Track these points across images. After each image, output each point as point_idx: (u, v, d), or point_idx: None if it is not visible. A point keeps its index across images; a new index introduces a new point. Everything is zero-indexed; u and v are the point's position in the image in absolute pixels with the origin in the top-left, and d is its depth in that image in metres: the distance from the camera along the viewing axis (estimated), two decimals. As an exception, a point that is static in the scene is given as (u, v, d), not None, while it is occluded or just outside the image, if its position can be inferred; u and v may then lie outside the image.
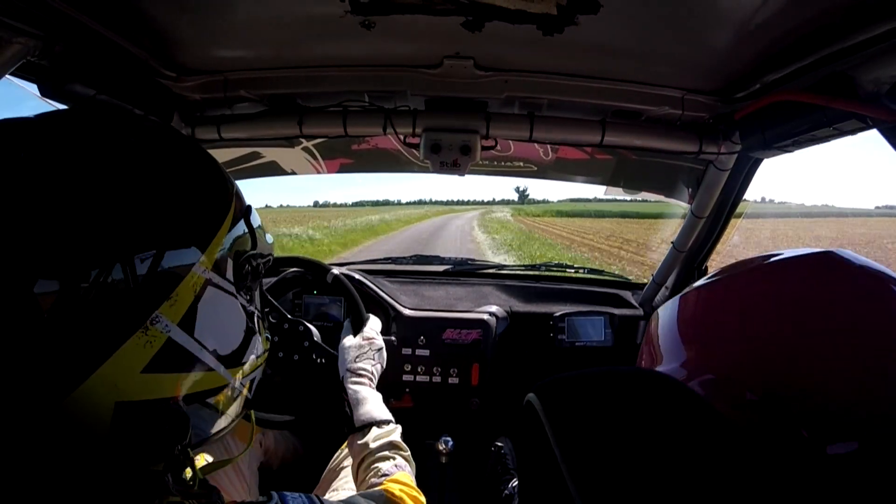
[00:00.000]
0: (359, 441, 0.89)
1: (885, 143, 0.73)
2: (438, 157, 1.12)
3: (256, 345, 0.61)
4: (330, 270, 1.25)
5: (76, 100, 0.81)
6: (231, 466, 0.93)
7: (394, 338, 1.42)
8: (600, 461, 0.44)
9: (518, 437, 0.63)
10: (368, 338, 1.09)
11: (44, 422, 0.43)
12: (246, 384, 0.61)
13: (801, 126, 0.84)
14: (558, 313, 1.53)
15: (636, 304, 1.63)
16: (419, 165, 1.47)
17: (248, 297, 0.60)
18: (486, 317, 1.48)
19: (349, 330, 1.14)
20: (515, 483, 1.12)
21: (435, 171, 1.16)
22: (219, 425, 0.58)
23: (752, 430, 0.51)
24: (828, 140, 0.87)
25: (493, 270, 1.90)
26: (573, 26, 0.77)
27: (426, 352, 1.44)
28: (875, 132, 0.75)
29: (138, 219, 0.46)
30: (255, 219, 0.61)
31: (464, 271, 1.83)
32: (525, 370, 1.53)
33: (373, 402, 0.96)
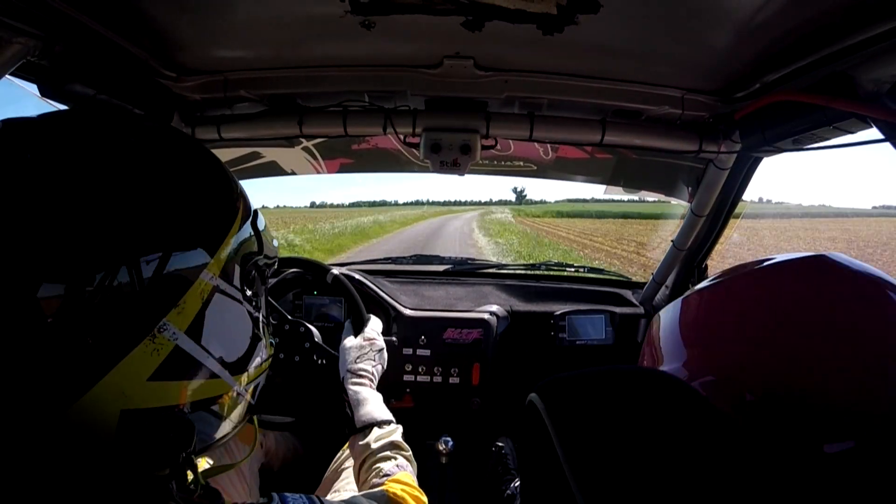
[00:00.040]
0: (360, 442, 0.89)
1: (881, 143, 0.73)
2: (438, 157, 1.12)
3: (261, 351, 0.61)
4: (330, 271, 1.25)
5: (76, 100, 0.81)
6: (233, 468, 0.93)
7: (394, 338, 1.41)
8: (603, 461, 0.44)
9: (520, 437, 0.64)
10: (369, 338, 1.09)
11: (49, 428, 0.43)
12: (250, 390, 0.61)
13: (801, 125, 0.84)
14: (559, 312, 1.53)
15: (636, 303, 1.64)
16: (419, 165, 1.47)
17: (254, 304, 0.60)
18: (487, 316, 1.48)
19: (350, 331, 1.14)
20: (517, 483, 1.11)
21: (435, 171, 1.16)
22: (222, 430, 0.58)
23: (752, 431, 0.51)
24: (828, 140, 0.87)
25: (494, 270, 1.91)
26: (573, 26, 0.77)
27: (427, 352, 1.44)
28: (873, 131, 0.75)
29: (144, 221, 0.46)
30: (261, 222, 0.62)
31: (464, 271, 1.83)
32: (526, 369, 1.53)
33: (373, 403, 0.97)
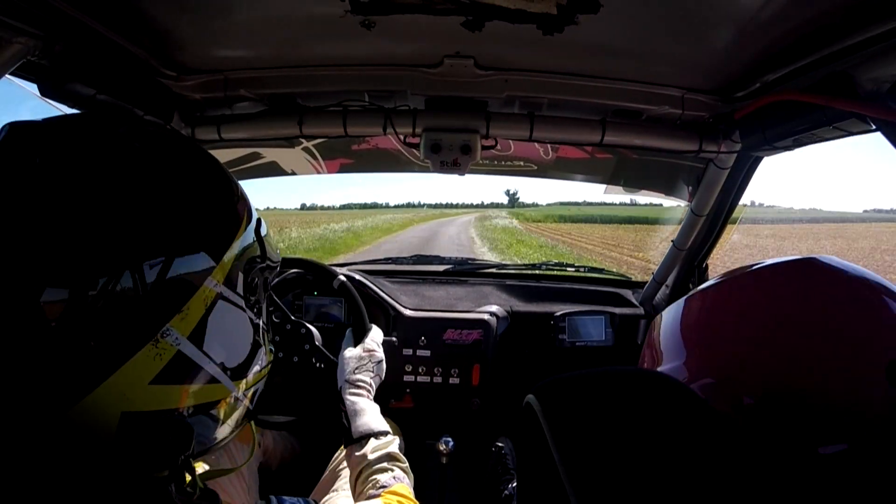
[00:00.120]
0: (357, 453, 0.89)
1: (871, 146, 0.73)
2: (438, 157, 1.12)
3: (261, 357, 0.62)
4: (337, 276, 1.24)
5: (76, 99, 0.81)
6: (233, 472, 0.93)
7: (394, 338, 1.41)
8: (598, 463, 0.44)
9: (518, 438, 0.63)
10: (369, 350, 1.08)
11: (51, 429, 0.44)
12: (249, 395, 0.61)
13: (802, 125, 0.84)
14: (559, 313, 1.53)
15: (636, 303, 1.63)
16: (419, 165, 1.47)
17: (256, 310, 0.60)
18: (487, 317, 1.48)
19: (350, 339, 1.13)
20: (515, 483, 1.11)
21: (435, 171, 1.16)
22: (221, 434, 0.59)
23: (750, 433, 0.51)
24: (828, 139, 0.87)
25: (494, 270, 1.91)
26: (573, 26, 0.77)
27: (427, 352, 1.44)
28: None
29: (148, 226, 0.46)
30: (263, 228, 0.62)
31: (464, 271, 1.83)
32: (526, 370, 1.53)
33: (370, 414, 0.96)
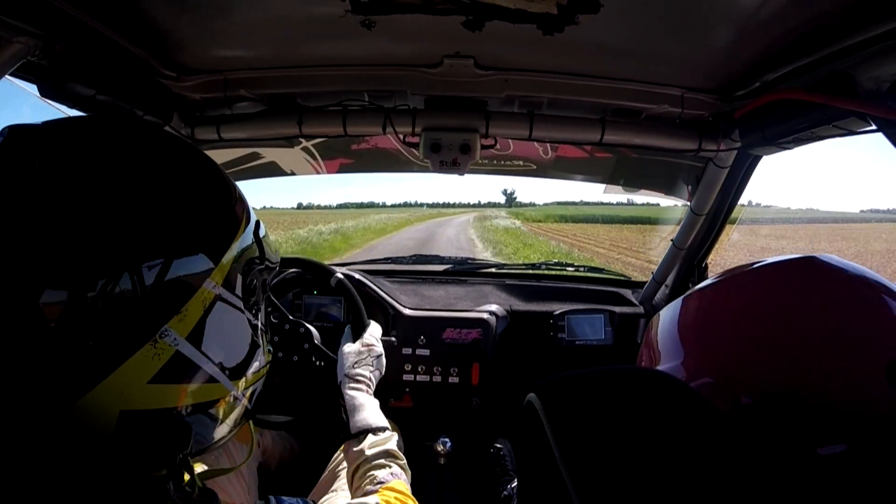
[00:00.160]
0: (354, 448, 0.89)
1: (866, 146, 0.73)
2: (438, 157, 1.12)
3: (259, 357, 0.62)
4: (334, 274, 1.24)
5: (76, 100, 0.81)
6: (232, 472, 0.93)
7: (394, 338, 1.41)
8: (599, 462, 0.44)
9: (518, 438, 0.63)
10: (368, 344, 1.09)
11: (49, 427, 0.44)
12: (247, 394, 0.62)
13: (801, 124, 0.84)
14: (558, 312, 1.53)
15: (636, 302, 1.63)
16: (419, 165, 1.47)
17: (254, 311, 0.61)
18: (487, 316, 1.48)
19: (349, 336, 1.14)
20: (514, 484, 1.11)
21: (435, 171, 1.16)
22: (219, 433, 0.59)
23: (749, 432, 0.51)
24: (828, 138, 0.87)
25: (493, 269, 1.91)
26: (573, 26, 0.77)
27: (426, 351, 1.44)
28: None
29: (146, 229, 0.47)
30: (262, 230, 0.63)
31: (464, 270, 1.83)
32: (525, 369, 1.53)
33: (369, 409, 0.96)
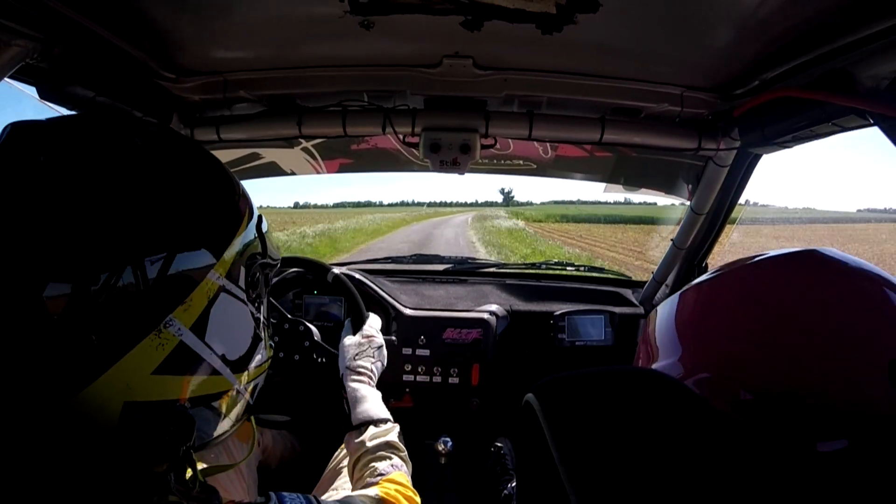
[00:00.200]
0: (355, 439, 0.89)
1: (864, 145, 0.74)
2: (438, 156, 1.12)
3: (261, 351, 0.63)
4: (330, 270, 1.25)
5: (75, 102, 0.81)
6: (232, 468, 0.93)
7: (394, 337, 1.41)
8: (598, 462, 0.43)
9: (517, 438, 0.63)
10: (368, 336, 1.10)
11: (53, 418, 0.44)
12: (249, 388, 0.62)
13: (801, 122, 0.84)
14: (558, 312, 1.53)
15: (636, 303, 1.63)
16: (419, 165, 1.47)
17: (257, 305, 0.61)
18: (487, 316, 1.48)
19: (349, 329, 1.14)
20: (514, 483, 1.11)
21: (435, 171, 1.16)
22: (221, 428, 0.59)
23: (747, 429, 0.51)
24: (827, 136, 0.87)
25: (494, 269, 1.90)
26: (572, 25, 0.77)
27: (426, 352, 1.44)
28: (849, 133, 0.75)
29: (149, 223, 0.47)
30: (265, 225, 0.63)
31: (464, 270, 1.83)
32: (525, 370, 1.53)
33: (371, 401, 0.96)
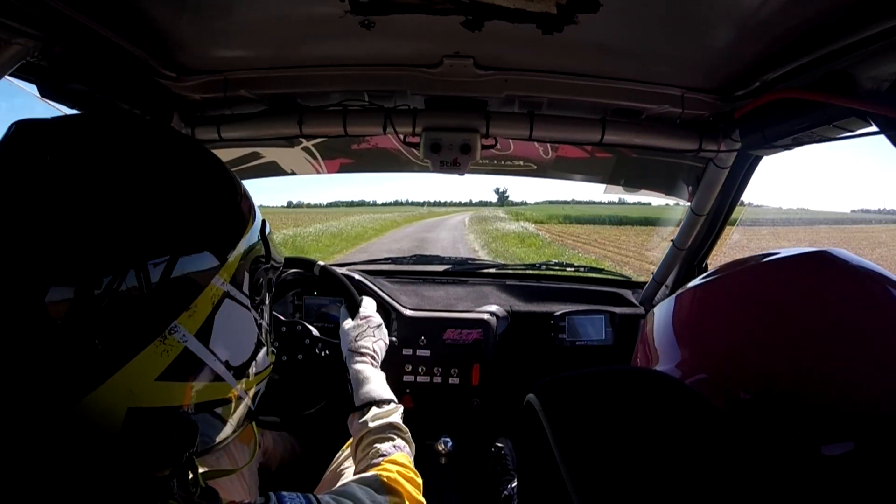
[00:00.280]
0: (358, 420, 0.89)
1: (858, 146, 0.73)
2: (438, 157, 1.12)
3: (264, 357, 0.63)
4: (316, 263, 1.24)
5: (76, 100, 0.81)
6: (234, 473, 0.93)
7: (394, 338, 1.41)
8: (599, 462, 0.43)
9: (518, 438, 0.63)
10: (365, 316, 1.10)
11: (56, 424, 0.44)
12: (251, 394, 0.62)
13: (801, 124, 0.84)
14: (559, 312, 1.53)
15: (637, 303, 1.63)
16: (419, 165, 1.47)
17: (260, 311, 0.61)
18: (487, 316, 1.48)
19: (346, 315, 1.14)
20: (515, 484, 1.11)
21: (435, 171, 1.16)
22: (223, 434, 0.59)
23: (748, 428, 0.51)
24: (828, 138, 0.87)
25: (494, 270, 1.90)
26: (573, 25, 0.77)
27: (427, 352, 1.44)
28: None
29: (153, 225, 0.47)
30: (267, 228, 0.63)
31: (464, 271, 1.83)
32: (526, 370, 1.52)
33: (374, 382, 0.96)
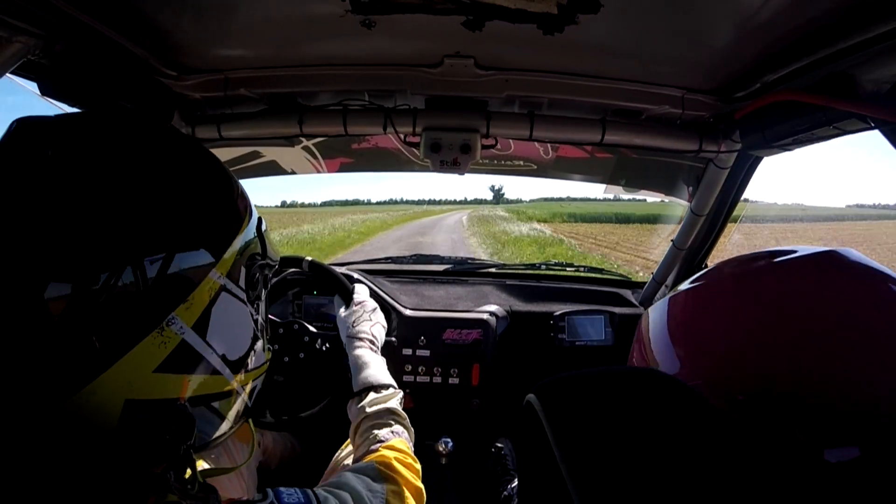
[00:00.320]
0: (356, 405, 0.89)
1: (853, 141, 0.73)
2: (438, 156, 1.12)
3: (260, 353, 0.63)
4: (304, 259, 1.23)
5: (76, 99, 0.81)
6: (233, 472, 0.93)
7: (394, 338, 1.41)
8: (600, 462, 0.43)
9: (518, 438, 0.63)
10: (359, 302, 1.10)
11: (52, 416, 0.44)
12: (247, 390, 0.62)
13: (802, 125, 0.84)
14: (558, 312, 1.53)
15: (636, 303, 1.63)
16: (419, 164, 1.47)
17: (256, 306, 0.62)
18: (487, 316, 1.48)
19: (340, 304, 1.15)
20: (515, 484, 1.11)
21: (435, 170, 1.16)
22: (220, 430, 0.59)
23: (748, 428, 0.51)
24: (828, 139, 0.87)
25: (494, 270, 1.90)
26: (573, 25, 0.77)
27: (426, 352, 1.43)
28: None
29: (150, 222, 0.47)
30: (264, 226, 0.63)
31: (464, 271, 1.83)
32: (525, 370, 1.52)
33: (373, 367, 0.96)
